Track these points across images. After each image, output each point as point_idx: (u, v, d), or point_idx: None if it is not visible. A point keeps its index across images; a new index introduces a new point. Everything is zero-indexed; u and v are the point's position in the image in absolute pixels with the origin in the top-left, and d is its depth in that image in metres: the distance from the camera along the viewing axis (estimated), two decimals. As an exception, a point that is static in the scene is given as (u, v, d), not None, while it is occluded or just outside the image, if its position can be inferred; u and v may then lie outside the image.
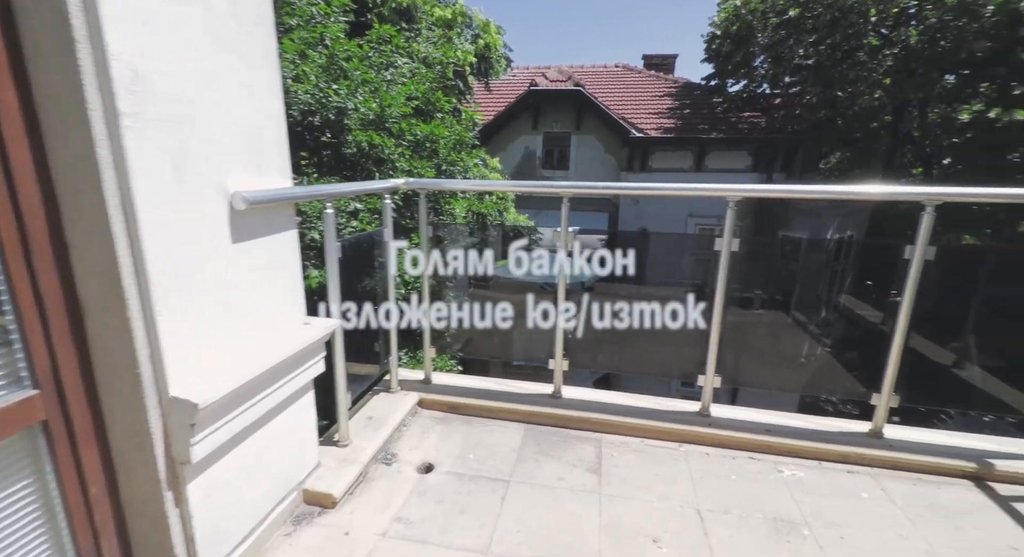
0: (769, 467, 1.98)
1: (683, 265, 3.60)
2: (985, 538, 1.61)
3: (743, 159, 12.03)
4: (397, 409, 2.14)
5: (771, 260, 4.49)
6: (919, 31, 9.65)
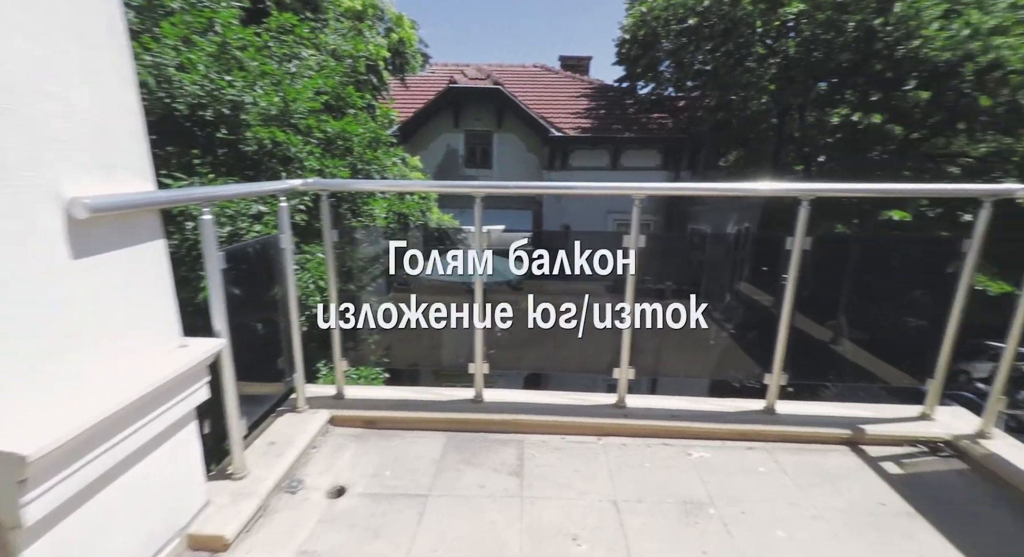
0: (680, 451, 2.09)
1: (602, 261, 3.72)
2: (859, 497, 1.81)
3: (654, 158, 12.79)
4: (304, 430, 1.97)
5: (681, 253, 4.79)
6: (796, 43, 10.82)
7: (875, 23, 10.02)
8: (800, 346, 2.45)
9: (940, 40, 9.61)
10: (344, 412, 2.15)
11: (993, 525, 1.67)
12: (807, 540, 1.59)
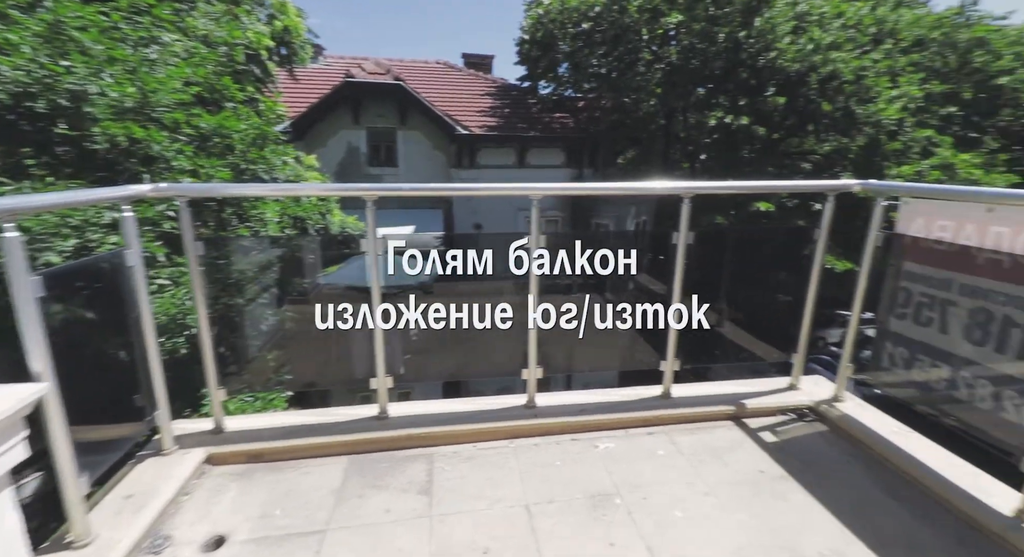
0: (588, 445, 2.15)
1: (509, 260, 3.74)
2: (743, 467, 1.99)
3: (558, 156, 13.24)
4: (172, 475, 1.71)
5: (585, 248, 4.99)
6: (677, 51, 11.80)
7: (740, 35, 11.26)
8: (691, 332, 2.65)
9: (791, 53, 11.07)
10: (224, 448, 1.90)
11: (848, 478, 1.93)
12: (700, 516, 1.71)
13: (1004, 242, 1.65)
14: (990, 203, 1.70)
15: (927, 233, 1.92)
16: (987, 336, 1.74)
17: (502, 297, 2.49)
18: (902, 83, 11.62)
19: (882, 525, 1.66)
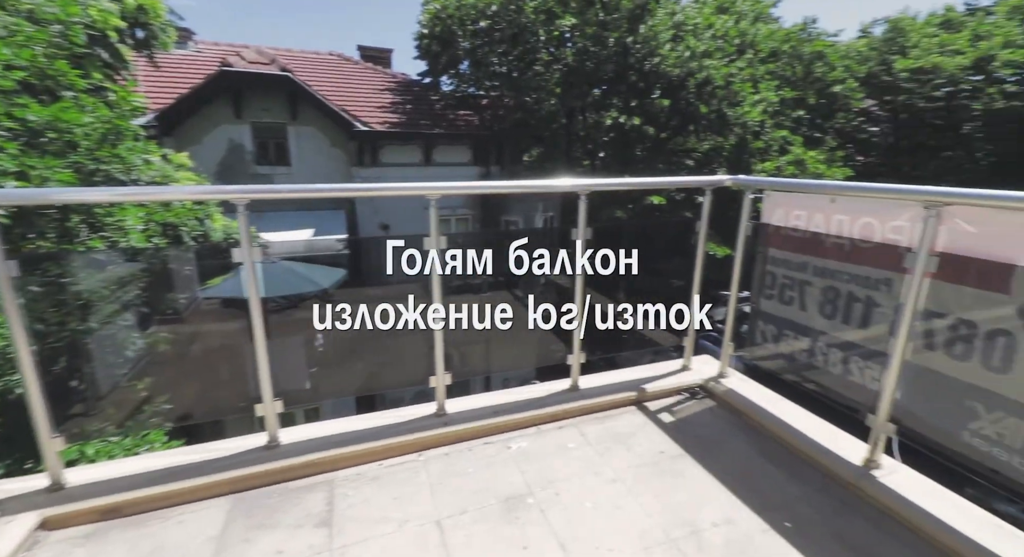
0: (500, 447, 2.12)
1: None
2: (645, 450, 2.09)
3: (464, 154, 13.15)
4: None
5: (495, 246, 4.98)
6: (573, 52, 12.28)
7: (628, 41, 12.02)
8: (596, 323, 2.74)
9: (671, 59, 12.06)
10: (65, 507, 1.57)
11: (734, 448, 2.11)
12: (609, 504, 1.76)
13: (844, 228, 1.90)
14: (832, 194, 1.95)
15: (786, 222, 2.16)
16: (835, 310, 1.99)
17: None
18: (762, 89, 13.24)
19: (763, 488, 1.84)
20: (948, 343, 1.60)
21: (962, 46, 15.75)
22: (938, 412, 1.65)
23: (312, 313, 3.13)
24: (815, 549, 1.55)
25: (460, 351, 2.79)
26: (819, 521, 1.67)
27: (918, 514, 1.61)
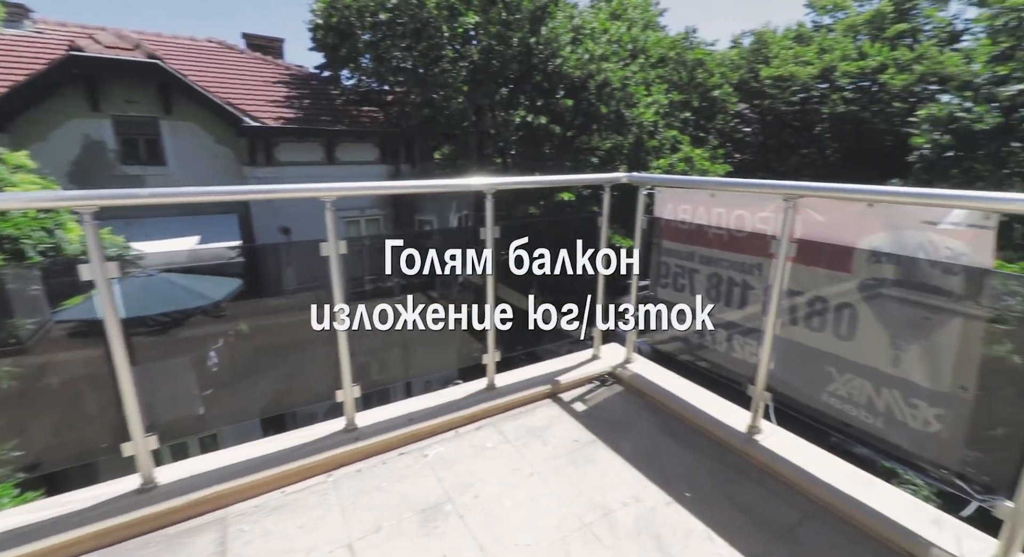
0: (416, 456, 2.05)
1: (318, 270, 3.35)
2: (560, 441, 2.15)
3: (371, 152, 12.61)
4: None
5: (407, 246, 4.82)
6: (478, 50, 12.29)
7: (531, 41, 12.30)
8: (511, 320, 2.76)
9: (572, 60, 12.56)
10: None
11: (641, 429, 2.24)
12: (527, 499, 1.78)
13: (722, 220, 2.10)
14: (711, 190, 2.14)
15: (675, 215, 2.33)
16: (719, 294, 2.20)
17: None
18: (654, 92, 14.30)
19: (666, 464, 1.97)
20: (807, 318, 1.83)
21: (811, 58, 18.29)
22: (803, 378, 1.88)
23: (202, 329, 2.82)
24: (710, 513, 1.69)
25: (377, 358, 2.65)
26: (713, 487, 1.83)
27: (792, 470, 1.83)
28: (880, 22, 19.26)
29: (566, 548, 1.56)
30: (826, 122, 19.12)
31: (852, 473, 1.79)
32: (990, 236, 1.33)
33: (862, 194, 1.58)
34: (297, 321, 2.32)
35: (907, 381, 1.56)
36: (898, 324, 1.57)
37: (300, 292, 2.92)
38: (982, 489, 1.43)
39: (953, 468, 1.49)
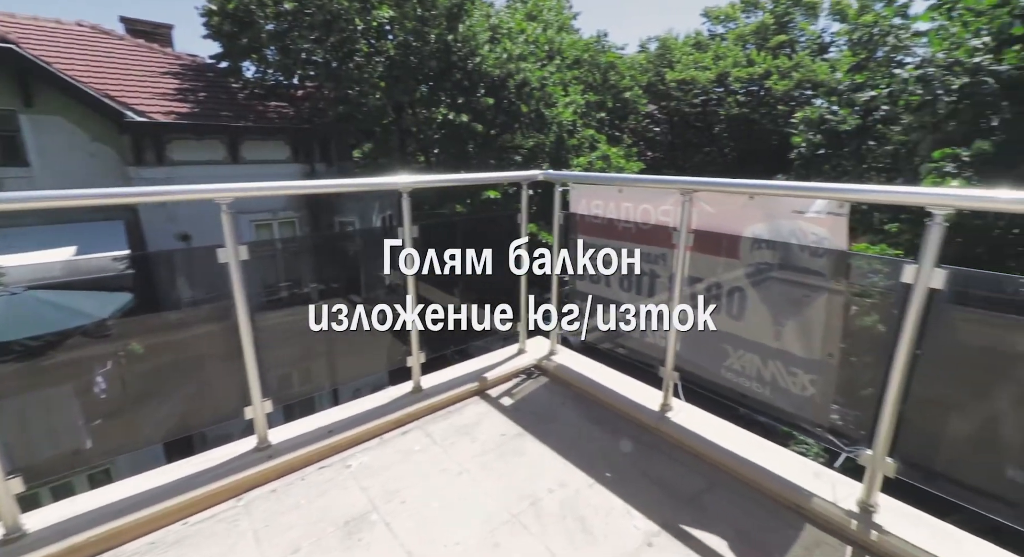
0: (338, 468, 1.96)
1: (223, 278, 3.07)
2: (489, 436, 2.16)
3: (282, 150, 11.80)
4: None
5: (326, 250, 4.54)
6: (394, 46, 11.95)
7: (449, 38, 12.18)
8: (437, 321, 2.72)
9: (491, 59, 12.63)
10: None
11: (566, 418, 2.32)
12: (456, 498, 1.77)
13: (630, 214, 2.22)
14: (619, 185, 2.26)
15: (588, 211, 2.43)
16: (631, 284, 2.33)
17: (216, 323, 2.04)
18: (571, 92, 14.80)
19: (589, 448, 2.06)
20: (706, 302, 2.00)
21: (708, 63, 19.94)
22: (704, 357, 2.05)
23: (85, 352, 2.52)
24: (629, 489, 1.80)
25: (298, 369, 2.49)
26: (630, 465, 1.95)
27: (699, 442, 1.99)
28: (764, 33, 21.46)
29: (495, 541, 1.58)
30: (724, 123, 20.96)
31: (751, 440, 1.98)
32: (844, 222, 1.54)
33: (744, 188, 1.76)
34: (199, 335, 2.13)
35: (787, 352, 1.76)
36: (778, 302, 1.77)
37: (202, 303, 2.68)
38: (849, 442, 1.65)
39: (826, 426, 1.70)
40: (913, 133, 6.78)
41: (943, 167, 5.59)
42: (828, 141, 9.08)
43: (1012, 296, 1.61)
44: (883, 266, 1.57)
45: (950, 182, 5.46)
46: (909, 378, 1.42)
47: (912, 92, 6.51)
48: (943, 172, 5.58)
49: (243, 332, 1.83)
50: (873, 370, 1.69)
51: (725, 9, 23.44)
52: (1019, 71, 5.57)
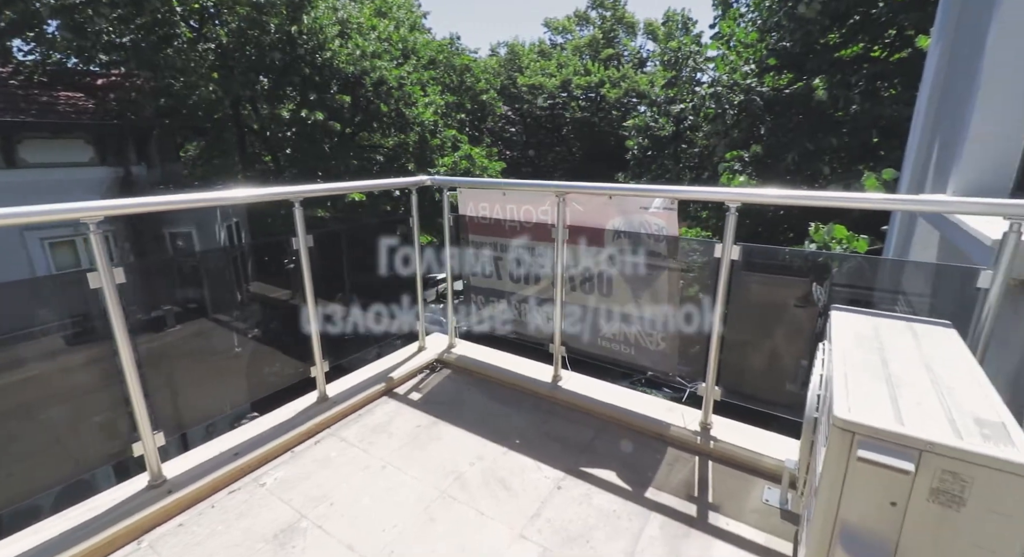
0: (252, 488, 1.90)
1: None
2: (405, 430, 2.28)
3: (82, 150, 9.71)
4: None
5: (160, 270, 3.98)
6: (227, 33, 10.65)
7: (293, 30, 11.29)
8: (332, 328, 2.70)
9: (343, 55, 12.06)
10: None
11: (472, 401, 2.55)
12: (384, 490, 1.88)
13: (515, 214, 2.53)
14: (503, 189, 2.55)
15: (476, 212, 2.68)
16: (519, 275, 2.64)
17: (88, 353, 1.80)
18: (430, 93, 14.88)
19: (498, 423, 2.32)
20: (582, 284, 2.40)
21: (553, 71, 21.75)
22: (585, 331, 2.46)
23: None
24: (535, 449, 2.11)
25: (191, 394, 2.25)
26: (534, 429, 2.26)
27: (586, 401, 2.40)
28: (596, 46, 24.15)
29: (429, 515, 1.75)
30: (570, 125, 23.11)
31: (624, 393, 2.45)
32: (675, 215, 2.04)
33: (604, 190, 2.18)
34: (71, 368, 1.84)
35: (644, 318, 2.24)
36: (634, 279, 2.24)
37: (75, 333, 2.24)
38: (690, 379, 2.18)
39: (674, 371, 2.22)
40: (711, 139, 8.55)
41: (733, 165, 7.25)
42: (653, 145, 10.82)
43: (781, 262, 2.30)
44: (700, 246, 2.12)
45: (739, 178, 7.08)
46: (723, 328, 1.97)
47: (708, 106, 8.21)
48: (734, 170, 7.23)
49: (125, 361, 1.66)
50: (701, 327, 2.25)
51: (562, 21, 25.74)
52: (775, 92, 7.47)
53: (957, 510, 0.86)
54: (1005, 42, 2.26)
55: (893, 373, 1.11)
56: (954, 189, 2.49)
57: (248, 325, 4.15)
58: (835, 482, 0.98)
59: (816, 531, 1.03)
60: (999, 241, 1.41)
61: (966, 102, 2.55)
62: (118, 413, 1.72)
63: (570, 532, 1.67)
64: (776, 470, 1.89)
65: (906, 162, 4.07)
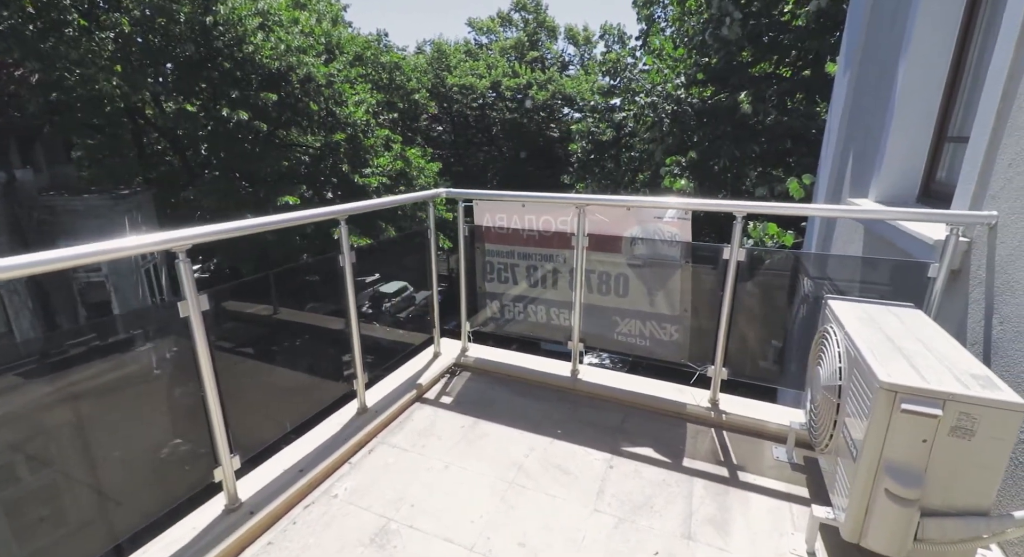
0: (325, 500, 1.95)
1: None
2: (451, 433, 2.41)
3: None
4: None
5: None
6: (130, 22, 9.56)
7: (207, 21, 10.39)
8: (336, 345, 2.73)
9: (267, 50, 11.32)
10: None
11: (501, 400, 2.72)
12: (454, 487, 2.02)
13: (534, 224, 2.74)
14: (523, 201, 2.75)
15: (493, 223, 2.85)
16: (536, 280, 2.86)
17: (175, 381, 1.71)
18: (360, 91, 14.40)
19: (531, 417, 2.54)
20: (599, 287, 2.68)
21: (482, 72, 21.94)
22: (601, 328, 2.75)
23: None
24: (575, 436, 2.35)
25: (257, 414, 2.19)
26: (568, 419, 2.51)
27: (608, 390, 2.69)
28: (521, 49, 24.70)
29: (508, 503, 1.93)
30: (499, 125, 23.47)
31: (639, 381, 2.78)
32: (688, 224, 2.38)
33: (622, 202, 2.47)
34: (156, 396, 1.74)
35: (659, 314, 2.57)
36: (649, 281, 2.56)
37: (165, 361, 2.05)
38: (700, 364, 2.55)
39: (686, 358, 2.58)
40: (649, 144, 9.34)
41: (673, 169, 8.02)
42: (595, 148, 11.50)
43: (778, 262, 2.74)
44: (711, 252, 2.49)
45: (680, 181, 7.85)
46: (730, 319, 2.35)
47: (647, 115, 8.97)
48: (673, 173, 8.01)
49: (207, 386, 1.65)
50: (710, 317, 2.62)
51: (486, 21, 25.98)
52: (702, 103, 8.37)
53: (968, 440, 1.25)
54: (913, 73, 2.85)
55: (900, 346, 1.51)
56: (876, 196, 3.11)
57: (290, 345, 3.96)
58: (879, 429, 1.34)
59: (864, 468, 1.39)
60: (942, 241, 1.89)
61: (880, 121, 3.19)
62: (200, 439, 1.69)
63: (635, 502, 1.95)
64: (777, 432, 2.31)
65: (821, 170, 4.86)
